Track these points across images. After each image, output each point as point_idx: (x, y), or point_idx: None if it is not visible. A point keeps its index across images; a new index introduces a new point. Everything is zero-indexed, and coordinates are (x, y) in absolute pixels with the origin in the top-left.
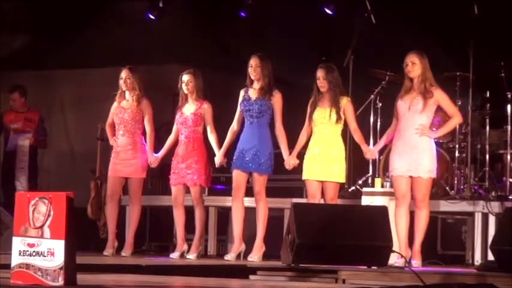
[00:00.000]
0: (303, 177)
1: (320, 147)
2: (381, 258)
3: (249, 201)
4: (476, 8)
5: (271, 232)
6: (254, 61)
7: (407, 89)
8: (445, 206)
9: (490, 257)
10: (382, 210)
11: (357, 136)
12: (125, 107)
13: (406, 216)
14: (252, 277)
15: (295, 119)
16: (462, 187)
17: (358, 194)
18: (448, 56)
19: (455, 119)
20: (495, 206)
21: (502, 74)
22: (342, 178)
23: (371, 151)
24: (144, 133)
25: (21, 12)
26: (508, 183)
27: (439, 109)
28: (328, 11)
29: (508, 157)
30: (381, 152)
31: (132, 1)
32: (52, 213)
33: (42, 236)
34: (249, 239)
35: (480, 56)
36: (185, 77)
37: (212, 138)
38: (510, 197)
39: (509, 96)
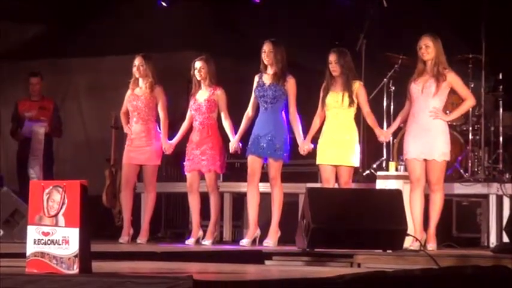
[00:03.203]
0: (317, 162)
1: (333, 131)
2: (396, 242)
3: (264, 187)
4: None
5: (286, 217)
6: (267, 46)
7: (421, 71)
8: (460, 188)
9: (505, 239)
10: (397, 194)
11: (370, 120)
12: (138, 94)
13: (421, 200)
14: (267, 262)
15: (309, 104)
16: (476, 169)
17: (372, 178)
18: (460, 38)
19: (469, 102)
20: (509, 188)
21: None
22: (355, 162)
23: (384, 133)
24: (158, 120)
25: (35, 1)
26: None
27: (452, 91)
28: None
29: None
30: (394, 135)
31: None
32: (66, 201)
33: (56, 225)
34: (264, 225)
35: (492, 38)
36: (197, 64)
37: (226, 124)
38: None
39: None
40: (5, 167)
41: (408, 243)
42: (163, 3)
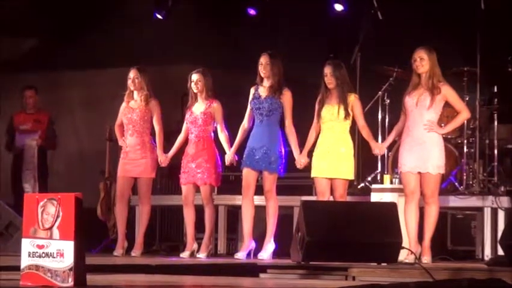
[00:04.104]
0: (312, 175)
1: (328, 144)
2: (391, 255)
3: (259, 200)
4: (482, 2)
5: (281, 230)
6: (264, 59)
7: (415, 84)
8: (455, 201)
9: (500, 251)
10: (392, 207)
11: (365, 132)
12: (133, 107)
13: (416, 213)
14: (262, 275)
15: (304, 117)
16: (471, 182)
17: (367, 191)
18: (455, 51)
19: (464, 115)
20: (504, 201)
21: (510, 69)
22: (350, 175)
23: (379, 146)
24: (152, 133)
25: (29, 14)
26: None
27: (447, 105)
28: (339, 8)
29: None
30: (389, 148)
31: (141, 1)
32: (61, 214)
33: (51, 237)
34: (259, 237)
35: (487, 51)
36: (194, 76)
37: (222, 137)
38: None
39: None
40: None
41: (403, 256)
42: (159, 16)
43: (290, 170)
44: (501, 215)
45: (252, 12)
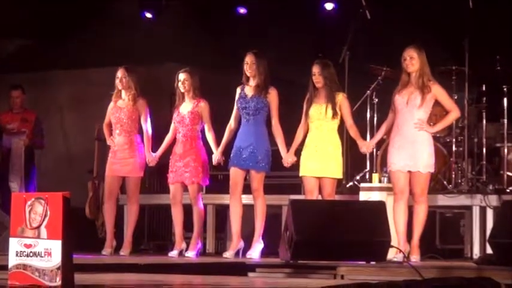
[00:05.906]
0: (300, 174)
1: (316, 143)
2: (380, 253)
3: (247, 199)
4: (471, 2)
5: (270, 229)
6: (249, 58)
7: (405, 83)
8: (443, 200)
9: (489, 250)
10: (380, 206)
11: (353, 131)
12: (121, 106)
13: (405, 211)
14: (250, 274)
15: (292, 116)
16: (460, 181)
17: (355, 190)
18: (443, 51)
19: (454, 114)
20: (493, 199)
21: (498, 68)
22: (339, 174)
23: (367, 145)
24: (140, 132)
25: (18, 14)
26: (506, 176)
27: (436, 103)
28: (329, 6)
29: (505, 150)
30: (378, 146)
31: (129, 1)
32: (49, 213)
33: (39, 237)
34: (247, 236)
35: (476, 50)
36: (181, 76)
37: (210, 136)
38: (508, 190)
39: (505, 89)
40: None
41: (392, 254)
42: (149, 15)
43: (278, 169)
44: (490, 214)
45: (242, 11)
